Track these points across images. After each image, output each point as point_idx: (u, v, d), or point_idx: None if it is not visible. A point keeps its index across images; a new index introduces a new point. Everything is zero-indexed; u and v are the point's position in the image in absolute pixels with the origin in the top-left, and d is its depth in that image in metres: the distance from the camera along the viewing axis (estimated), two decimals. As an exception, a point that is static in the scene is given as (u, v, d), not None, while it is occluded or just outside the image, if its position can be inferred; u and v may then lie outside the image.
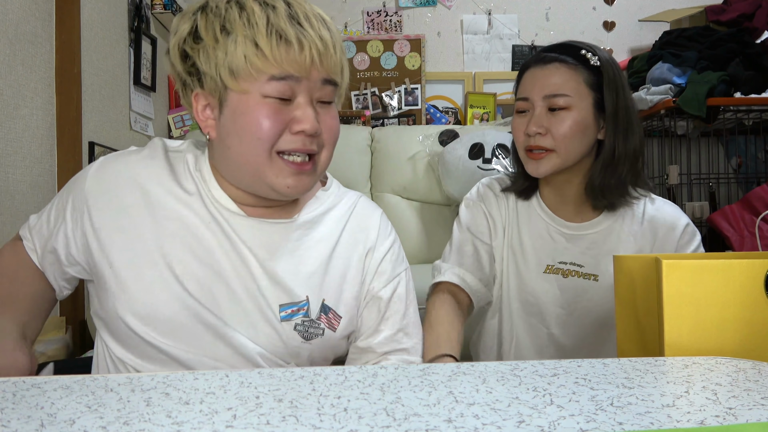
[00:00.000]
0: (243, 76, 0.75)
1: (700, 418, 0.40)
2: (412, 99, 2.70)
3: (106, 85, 1.93)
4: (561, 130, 1.01)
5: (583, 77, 1.02)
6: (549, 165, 1.03)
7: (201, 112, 0.80)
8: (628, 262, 0.72)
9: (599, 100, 1.03)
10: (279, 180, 0.78)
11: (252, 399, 0.45)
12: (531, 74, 1.06)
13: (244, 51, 0.74)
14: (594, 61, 1.02)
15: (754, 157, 2.61)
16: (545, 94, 1.02)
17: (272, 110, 0.76)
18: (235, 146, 0.78)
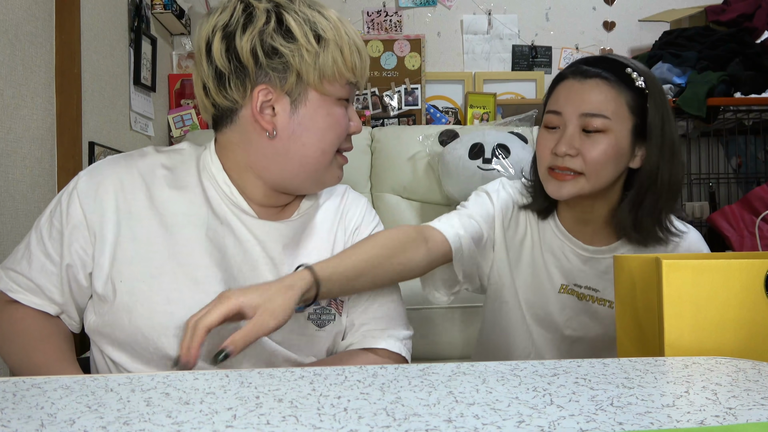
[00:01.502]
0: (328, 78, 0.82)
1: (700, 418, 0.40)
2: (412, 99, 2.70)
3: (106, 85, 1.93)
4: (594, 154, 0.92)
5: (625, 99, 0.93)
6: (574, 189, 0.95)
7: (259, 106, 0.81)
8: (628, 262, 0.72)
9: (638, 125, 0.94)
10: (333, 173, 0.88)
11: (252, 399, 0.45)
12: (567, 87, 0.96)
13: (334, 57, 0.82)
14: (639, 82, 0.93)
15: (754, 157, 2.61)
16: (582, 112, 0.93)
17: (344, 112, 0.86)
18: (311, 143, 0.84)
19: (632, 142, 0.95)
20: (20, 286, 0.82)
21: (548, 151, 0.96)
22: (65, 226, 0.81)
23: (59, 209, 0.82)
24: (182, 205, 0.82)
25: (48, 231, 0.82)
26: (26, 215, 1.49)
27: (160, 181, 0.83)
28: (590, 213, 1.01)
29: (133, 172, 0.83)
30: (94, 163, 0.86)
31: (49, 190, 1.61)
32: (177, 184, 0.84)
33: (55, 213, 0.82)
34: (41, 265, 0.81)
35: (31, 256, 0.82)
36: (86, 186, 0.82)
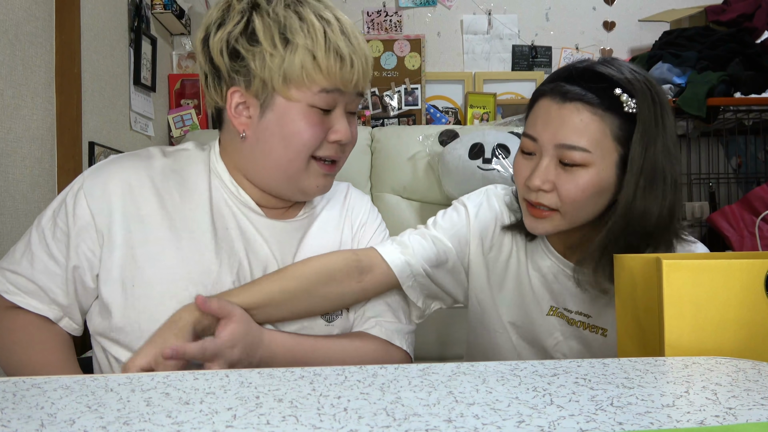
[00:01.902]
0: (295, 84, 0.77)
1: (700, 418, 0.40)
2: (412, 99, 2.70)
3: (106, 85, 1.93)
4: (571, 191, 0.81)
5: (610, 128, 0.79)
6: (550, 226, 0.85)
7: (234, 108, 0.81)
8: (628, 262, 0.72)
9: (625, 156, 0.80)
10: (311, 181, 0.83)
11: (252, 399, 0.45)
12: (545, 108, 0.83)
13: (302, 62, 0.76)
14: (629, 106, 0.79)
15: (754, 157, 2.61)
16: (558, 142, 0.80)
17: (317, 119, 0.79)
18: (276, 149, 0.80)
19: (618, 175, 0.81)
20: (19, 288, 0.80)
21: (523, 181, 0.86)
22: (72, 227, 0.79)
23: (64, 210, 0.80)
24: (192, 209, 0.82)
25: (52, 232, 0.80)
26: (26, 215, 1.49)
27: (169, 184, 0.82)
28: (577, 240, 0.92)
29: (141, 174, 0.82)
30: (98, 163, 0.84)
31: (49, 190, 1.61)
32: (186, 187, 0.83)
33: (60, 213, 0.81)
34: (44, 267, 0.79)
35: (33, 256, 0.80)
36: (93, 186, 0.80)
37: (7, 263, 0.82)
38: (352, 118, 0.85)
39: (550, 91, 0.83)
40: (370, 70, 0.83)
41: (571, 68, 0.84)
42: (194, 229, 0.81)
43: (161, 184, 0.82)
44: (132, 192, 0.80)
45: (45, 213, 0.82)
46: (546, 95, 0.84)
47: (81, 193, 0.80)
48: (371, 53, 0.86)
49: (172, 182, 0.83)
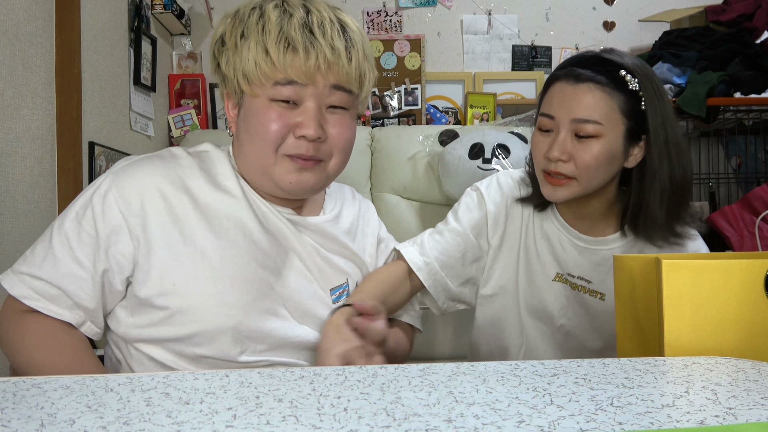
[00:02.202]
0: (254, 81, 0.79)
1: (700, 418, 0.40)
2: (412, 99, 2.70)
3: (106, 85, 1.93)
4: (586, 159, 0.92)
5: (617, 104, 0.92)
6: (567, 192, 0.96)
7: (230, 110, 0.86)
8: (628, 262, 0.72)
9: (631, 127, 0.93)
10: (283, 176, 0.82)
11: (252, 399, 0.45)
12: (560, 90, 0.95)
13: (255, 57, 0.77)
14: (633, 84, 0.92)
15: (754, 157, 2.61)
16: (573, 117, 0.92)
17: (277, 113, 0.79)
18: (246, 145, 0.83)
19: (625, 145, 0.94)
20: (40, 294, 0.77)
21: (542, 154, 0.97)
22: (101, 230, 0.78)
23: (90, 212, 0.78)
24: (225, 207, 0.83)
25: (77, 235, 0.78)
26: (26, 215, 1.49)
27: (202, 183, 0.83)
28: (586, 209, 1.03)
29: (172, 174, 0.82)
30: (121, 165, 0.83)
31: (49, 190, 1.61)
32: (217, 186, 0.84)
33: (85, 216, 0.79)
34: (69, 271, 0.77)
35: (56, 261, 0.77)
36: (123, 188, 0.79)
37: (27, 267, 0.79)
38: (335, 115, 0.82)
39: (564, 75, 0.95)
40: (344, 63, 0.79)
41: (580, 56, 0.98)
42: (230, 228, 0.82)
43: (193, 184, 0.83)
44: (165, 193, 0.80)
45: (66, 215, 0.80)
46: (560, 79, 0.96)
47: (110, 196, 0.79)
48: (360, 48, 0.82)
49: (203, 181, 0.84)
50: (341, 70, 0.79)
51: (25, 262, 0.79)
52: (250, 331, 0.80)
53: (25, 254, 0.81)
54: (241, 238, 0.82)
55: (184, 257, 0.78)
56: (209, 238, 0.80)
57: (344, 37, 0.80)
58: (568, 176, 0.95)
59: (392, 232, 2.19)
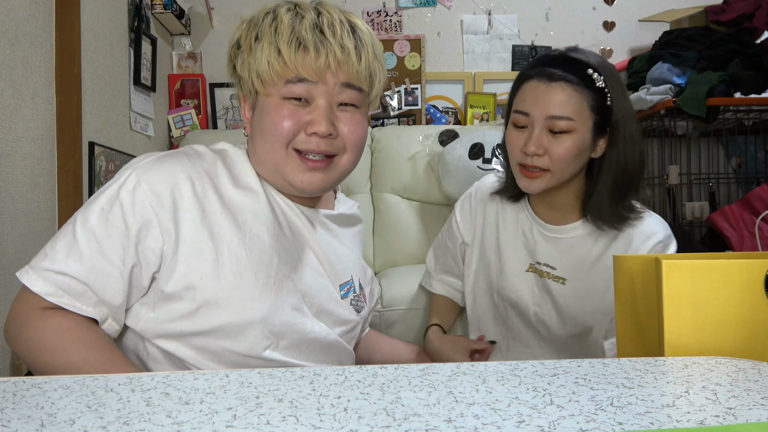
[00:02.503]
0: (268, 81, 0.82)
1: (700, 418, 0.40)
2: (412, 99, 2.70)
3: (106, 85, 1.93)
4: (560, 153, 1.00)
5: (586, 100, 0.99)
6: (543, 183, 1.03)
7: (246, 111, 0.89)
8: (628, 262, 0.72)
9: (598, 122, 1.01)
10: (295, 175, 0.85)
11: (252, 399, 0.45)
12: (533, 88, 1.01)
13: (268, 57, 0.80)
14: (600, 82, 0.99)
15: (754, 157, 2.61)
16: (548, 114, 0.99)
17: (289, 111, 0.82)
18: (259, 143, 0.85)
19: (593, 137, 1.02)
20: (64, 290, 0.76)
21: (518, 149, 1.04)
22: (131, 225, 0.77)
23: (119, 207, 0.78)
24: (249, 204, 0.85)
25: (104, 230, 0.77)
26: (26, 215, 1.49)
27: (225, 180, 0.85)
28: (556, 199, 1.10)
29: (199, 169, 0.83)
30: (147, 160, 0.82)
31: (49, 190, 1.61)
32: (240, 183, 0.86)
33: (113, 211, 0.78)
34: (97, 266, 0.76)
35: (82, 256, 0.76)
36: (153, 182, 0.79)
37: (49, 263, 0.77)
38: (346, 113, 0.84)
39: (537, 75, 1.02)
40: (354, 62, 0.81)
41: (549, 56, 1.04)
42: (254, 224, 0.83)
43: (218, 182, 0.84)
44: (195, 188, 0.81)
45: (90, 210, 0.78)
46: (533, 78, 1.02)
47: (140, 190, 0.78)
48: (370, 47, 0.85)
49: (228, 180, 0.85)
50: (351, 69, 0.82)
51: (47, 258, 0.77)
52: (276, 324, 0.81)
53: (44, 251, 0.79)
54: (264, 234, 0.84)
55: (211, 252, 0.79)
56: (235, 233, 0.81)
57: (354, 37, 0.83)
58: (542, 169, 1.02)
59: (392, 232, 2.17)
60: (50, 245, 0.79)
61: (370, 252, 2.11)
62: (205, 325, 0.79)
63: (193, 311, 0.79)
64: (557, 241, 1.11)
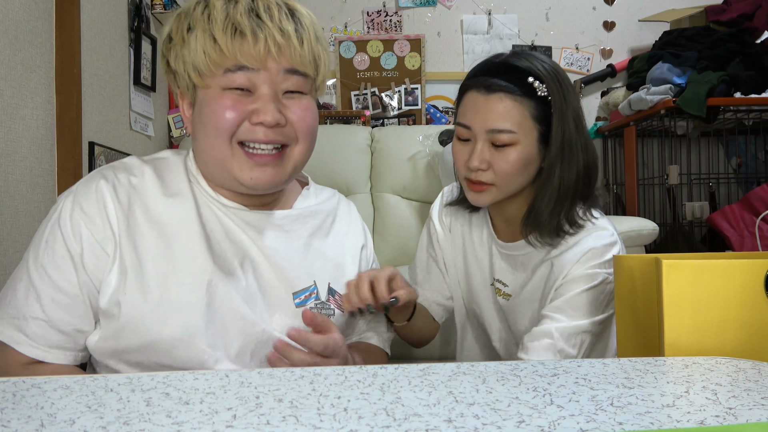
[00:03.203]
0: (205, 72, 0.77)
1: (700, 418, 0.40)
2: (412, 99, 2.71)
3: (106, 85, 1.93)
4: (504, 167, 0.95)
5: (528, 110, 0.94)
6: (489, 197, 0.99)
7: (185, 110, 0.84)
8: (628, 262, 0.72)
9: (544, 131, 0.95)
10: (243, 173, 0.79)
11: (252, 399, 0.45)
12: (473, 100, 0.97)
13: (203, 46, 0.75)
14: (541, 90, 0.94)
15: (754, 157, 2.61)
16: (489, 128, 0.94)
17: (231, 101, 0.77)
18: (201, 139, 0.80)
19: (540, 148, 0.96)
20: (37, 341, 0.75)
21: (463, 163, 0.99)
22: (74, 250, 0.76)
23: (60, 235, 0.77)
24: (178, 213, 0.81)
25: (52, 262, 0.76)
26: (26, 215, 1.49)
27: (153, 191, 0.82)
28: (509, 212, 1.05)
29: (124, 184, 0.81)
30: (80, 183, 0.82)
31: (49, 190, 1.61)
32: (169, 192, 0.82)
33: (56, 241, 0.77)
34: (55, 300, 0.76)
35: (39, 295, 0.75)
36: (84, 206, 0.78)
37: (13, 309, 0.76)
38: (293, 100, 0.80)
39: (475, 85, 0.98)
40: (296, 46, 0.77)
41: (489, 63, 1.00)
42: (183, 234, 0.80)
43: (145, 193, 0.81)
44: (118, 204, 0.79)
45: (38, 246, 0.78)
46: (472, 88, 0.99)
47: (75, 214, 0.78)
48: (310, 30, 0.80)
49: (157, 190, 0.82)
50: (293, 53, 0.77)
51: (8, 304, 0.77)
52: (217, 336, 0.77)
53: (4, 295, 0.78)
54: (194, 244, 0.79)
55: (135, 266, 0.77)
56: (159, 246, 0.78)
57: (293, 20, 0.78)
58: (487, 183, 0.97)
59: (392, 232, 2.17)
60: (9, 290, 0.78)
61: (370, 252, 2.11)
62: (132, 341, 0.75)
63: (121, 327, 0.76)
64: (511, 258, 1.06)
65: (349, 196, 2.19)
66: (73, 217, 0.78)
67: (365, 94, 2.71)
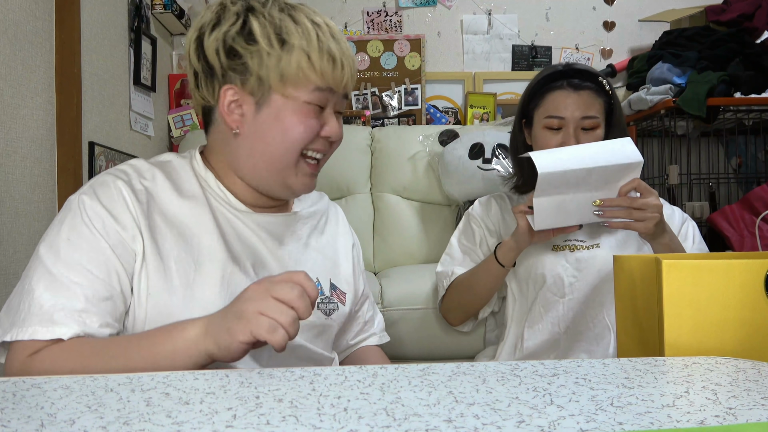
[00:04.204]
0: (292, 82, 0.81)
1: (700, 418, 0.40)
2: (412, 99, 2.70)
3: (106, 85, 1.93)
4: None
5: (603, 101, 1.25)
6: None
7: (227, 106, 0.83)
8: (627, 262, 0.72)
9: (608, 117, 1.26)
10: (298, 180, 0.86)
11: (252, 399, 0.45)
12: (564, 97, 1.23)
13: (299, 61, 0.80)
14: (608, 87, 1.26)
15: (754, 157, 2.61)
16: (582, 116, 1.22)
17: (311, 116, 0.83)
18: (272, 143, 0.83)
19: (604, 129, 1.26)
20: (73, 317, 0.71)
21: (556, 145, 1.23)
22: (104, 244, 0.74)
23: (85, 231, 0.74)
24: (193, 215, 0.82)
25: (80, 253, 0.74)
26: (26, 215, 1.49)
27: (167, 194, 0.82)
28: None
29: (140, 187, 0.81)
30: (92, 184, 0.80)
31: (50, 190, 1.61)
32: (183, 195, 0.84)
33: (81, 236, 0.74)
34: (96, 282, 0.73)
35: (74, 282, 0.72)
36: (107, 205, 0.77)
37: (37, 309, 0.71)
38: (339, 118, 0.89)
39: (561, 86, 1.25)
40: (356, 73, 0.88)
41: (559, 71, 1.27)
42: (201, 235, 0.81)
43: (160, 195, 0.82)
44: (138, 206, 0.79)
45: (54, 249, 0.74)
46: (559, 89, 1.25)
47: (102, 213, 0.76)
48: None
49: (171, 193, 0.83)
50: (354, 81, 0.87)
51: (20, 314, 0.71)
52: None
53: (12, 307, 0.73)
54: (213, 245, 0.81)
55: (157, 267, 0.77)
56: (181, 247, 0.79)
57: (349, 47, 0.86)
58: None
59: (392, 232, 2.17)
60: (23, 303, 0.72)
61: (370, 252, 2.11)
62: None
63: (145, 328, 0.75)
64: None
65: (349, 196, 2.19)
66: (100, 214, 0.76)
67: (365, 94, 2.71)
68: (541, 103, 1.27)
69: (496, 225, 1.38)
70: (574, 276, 1.26)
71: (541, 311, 1.27)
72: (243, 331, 0.62)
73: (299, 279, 0.66)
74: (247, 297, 0.65)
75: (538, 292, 1.28)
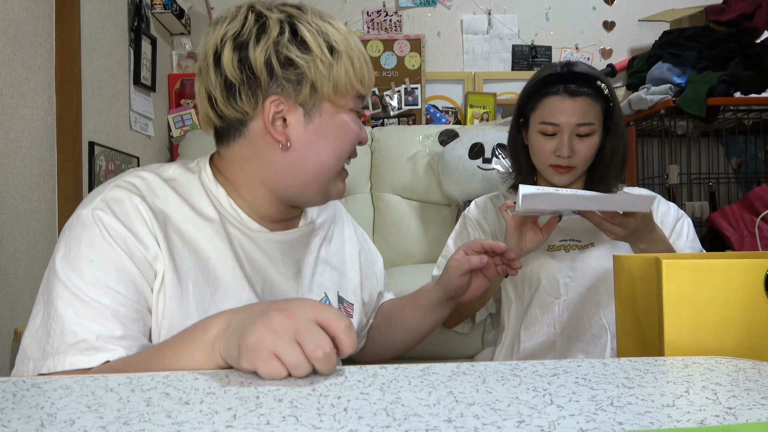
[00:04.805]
0: (341, 90, 0.82)
1: (700, 418, 0.40)
2: (412, 99, 2.70)
3: (106, 85, 1.93)
4: (586, 153, 1.22)
5: (600, 107, 1.22)
6: (571, 176, 1.25)
7: (271, 117, 0.79)
8: (628, 262, 0.72)
9: (605, 121, 1.24)
10: (337, 186, 0.88)
11: (252, 399, 0.45)
12: (558, 103, 1.21)
13: (347, 69, 0.81)
14: (606, 91, 1.23)
15: (754, 157, 2.61)
16: (577, 122, 1.20)
17: (356, 123, 0.86)
18: (322, 153, 0.82)
19: (602, 134, 1.25)
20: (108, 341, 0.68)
21: (549, 153, 1.23)
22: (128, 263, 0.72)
23: (107, 249, 0.71)
24: (209, 236, 0.79)
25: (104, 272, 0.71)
26: (26, 215, 1.49)
27: (182, 213, 0.79)
28: (572, 186, 1.28)
29: (155, 204, 0.77)
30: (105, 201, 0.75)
31: (49, 190, 1.61)
32: (197, 214, 0.80)
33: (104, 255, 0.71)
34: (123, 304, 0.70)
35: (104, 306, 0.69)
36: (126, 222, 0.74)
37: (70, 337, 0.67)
38: None
39: (557, 92, 1.22)
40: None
41: (557, 74, 1.24)
42: (218, 257, 0.79)
43: (174, 216, 0.78)
44: (159, 224, 0.76)
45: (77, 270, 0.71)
46: (555, 94, 1.22)
47: (122, 231, 0.73)
48: None
49: (185, 212, 0.80)
50: (373, 81, 0.89)
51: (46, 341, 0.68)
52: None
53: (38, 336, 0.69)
54: (228, 268, 0.79)
55: (176, 289, 0.75)
56: (199, 270, 0.77)
57: None
58: (571, 166, 1.23)
59: (392, 232, 2.17)
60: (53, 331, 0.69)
61: (370, 252, 2.11)
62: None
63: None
64: (572, 220, 1.25)
65: (349, 195, 2.19)
66: (120, 232, 0.73)
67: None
68: (537, 107, 1.25)
69: (492, 226, 1.37)
70: (569, 276, 1.25)
71: (537, 313, 1.26)
72: (249, 363, 0.53)
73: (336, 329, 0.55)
74: (274, 326, 0.54)
75: (534, 293, 1.27)
